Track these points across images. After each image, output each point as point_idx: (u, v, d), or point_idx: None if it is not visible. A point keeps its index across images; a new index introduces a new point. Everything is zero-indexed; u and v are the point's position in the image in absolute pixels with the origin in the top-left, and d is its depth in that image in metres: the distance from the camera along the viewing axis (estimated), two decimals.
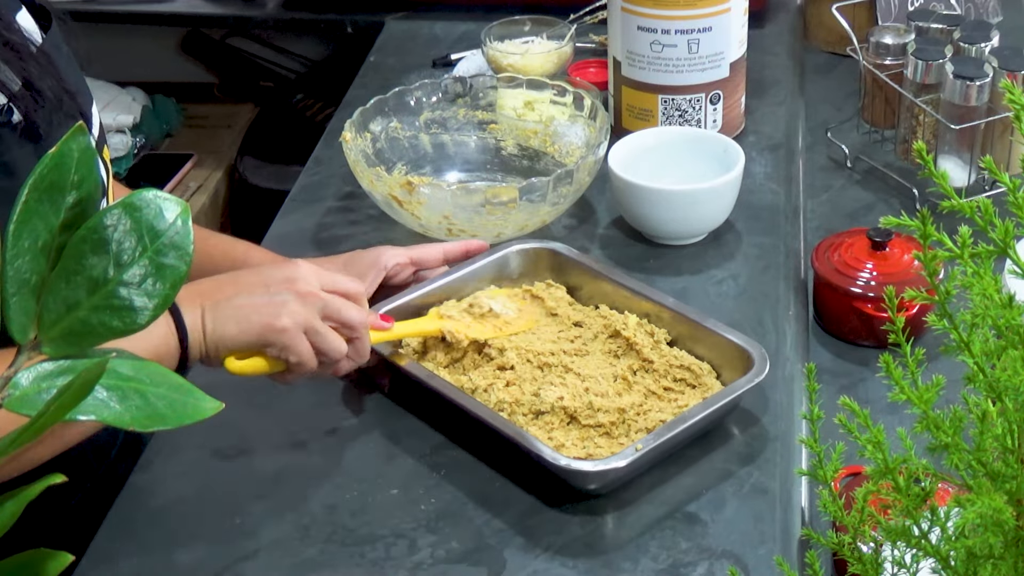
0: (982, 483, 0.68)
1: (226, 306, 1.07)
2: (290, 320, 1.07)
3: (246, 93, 2.68)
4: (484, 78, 1.55)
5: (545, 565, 1.01)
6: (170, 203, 0.54)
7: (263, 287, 1.09)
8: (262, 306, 1.07)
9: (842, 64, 1.83)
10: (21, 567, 0.53)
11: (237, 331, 1.06)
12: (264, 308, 1.07)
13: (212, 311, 1.06)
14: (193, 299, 1.06)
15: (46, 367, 0.52)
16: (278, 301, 1.08)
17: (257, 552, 1.04)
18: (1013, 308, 0.66)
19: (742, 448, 1.11)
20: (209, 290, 1.08)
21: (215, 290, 1.08)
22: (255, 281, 1.10)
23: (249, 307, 1.07)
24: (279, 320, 1.07)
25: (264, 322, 1.07)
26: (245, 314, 1.07)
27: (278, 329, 1.07)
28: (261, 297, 1.08)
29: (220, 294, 1.08)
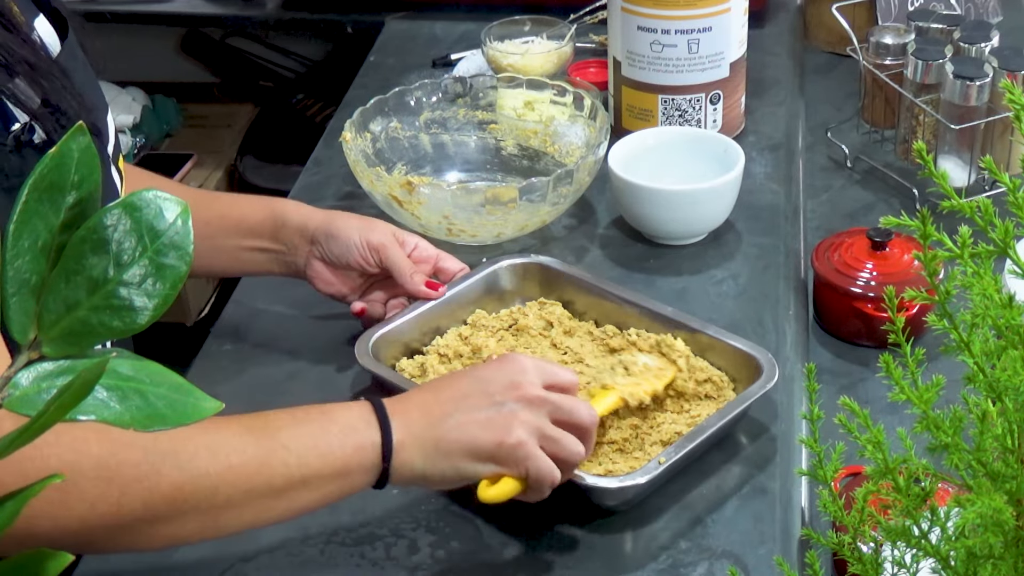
0: (982, 483, 0.68)
1: (449, 430, 0.97)
2: (523, 432, 0.98)
3: (246, 93, 2.68)
4: (484, 78, 1.55)
5: (545, 565, 1.01)
6: (170, 203, 0.54)
7: (486, 398, 0.99)
8: (488, 423, 0.98)
9: (842, 64, 1.83)
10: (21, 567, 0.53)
11: (468, 459, 0.98)
12: (491, 425, 0.98)
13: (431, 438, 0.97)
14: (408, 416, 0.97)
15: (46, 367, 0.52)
16: (506, 414, 0.99)
17: (257, 552, 1.04)
18: (1013, 308, 0.66)
19: (742, 448, 1.11)
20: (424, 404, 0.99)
21: (431, 403, 0.99)
22: (475, 390, 1.00)
23: (474, 427, 0.98)
24: (511, 435, 0.98)
25: (495, 441, 0.98)
26: (472, 435, 0.98)
27: (513, 446, 0.98)
28: (485, 411, 0.99)
29: (437, 410, 0.98)
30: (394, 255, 1.21)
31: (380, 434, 0.96)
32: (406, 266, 1.22)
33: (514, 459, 0.98)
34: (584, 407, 1.02)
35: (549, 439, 0.99)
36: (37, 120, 0.95)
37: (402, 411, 0.98)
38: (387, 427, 0.96)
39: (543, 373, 1.02)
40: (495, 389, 1.00)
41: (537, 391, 1.00)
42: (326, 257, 1.22)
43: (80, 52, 1.12)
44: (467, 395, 1.00)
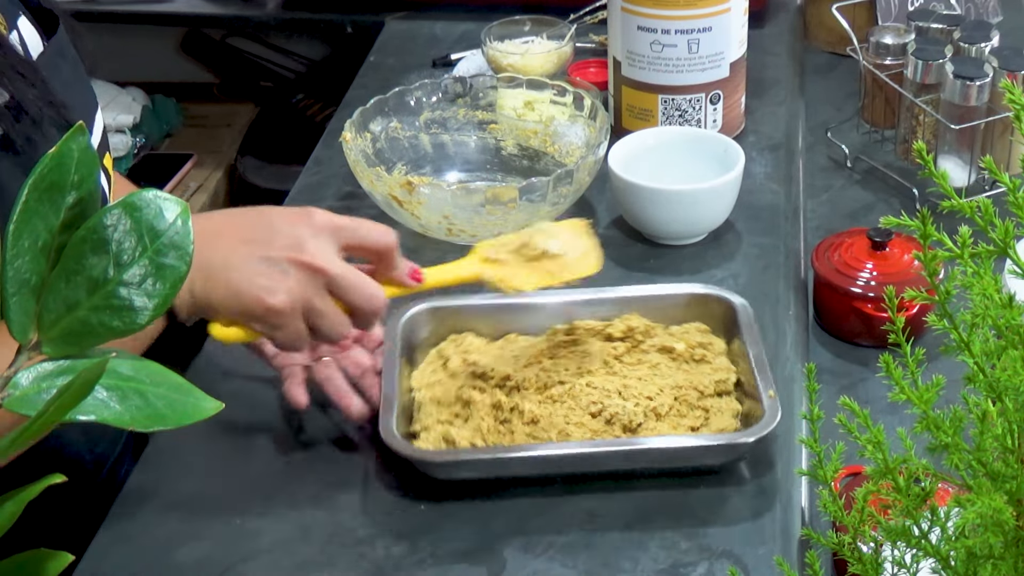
0: (982, 483, 0.68)
1: (219, 269, 0.97)
2: (285, 300, 0.97)
3: (246, 93, 2.68)
4: (484, 78, 1.55)
5: (545, 565, 1.01)
6: (170, 203, 0.54)
7: (265, 249, 0.97)
8: (256, 276, 0.97)
9: (842, 64, 1.83)
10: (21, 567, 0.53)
11: (224, 298, 0.97)
12: (258, 280, 0.97)
13: (204, 271, 0.96)
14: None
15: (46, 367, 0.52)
16: (276, 273, 0.97)
17: (257, 552, 1.04)
18: (1013, 308, 0.66)
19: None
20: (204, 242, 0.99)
21: (210, 242, 0.97)
22: (259, 237, 0.98)
23: (241, 276, 0.97)
24: (272, 298, 0.96)
25: (255, 296, 0.96)
26: (236, 283, 0.96)
27: (269, 309, 0.97)
28: (258, 265, 0.97)
29: (215, 250, 0.97)
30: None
31: None
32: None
33: (267, 322, 0.97)
34: (367, 290, 0.99)
35: (313, 311, 0.97)
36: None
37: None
38: None
39: (342, 233, 0.99)
40: (278, 243, 0.97)
41: (318, 259, 0.97)
42: None
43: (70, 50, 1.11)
44: (250, 239, 0.98)
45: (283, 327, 0.98)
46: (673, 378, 1.15)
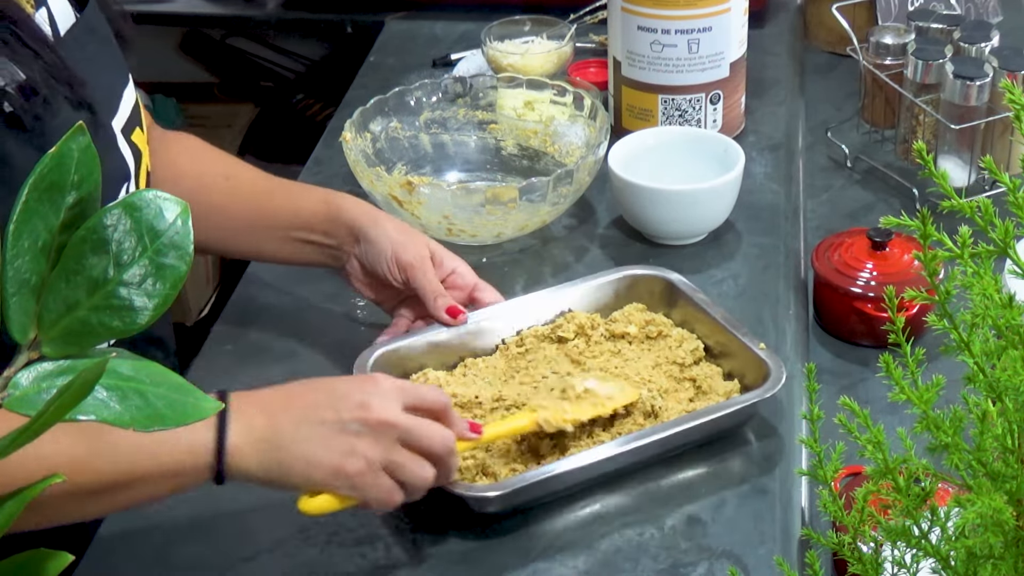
0: (982, 483, 0.68)
1: (289, 443, 0.95)
2: (363, 462, 0.96)
3: (246, 93, 2.68)
4: (484, 78, 1.55)
5: (545, 565, 1.01)
6: (170, 203, 0.54)
7: (333, 414, 0.97)
8: (330, 443, 0.96)
9: (842, 64, 1.83)
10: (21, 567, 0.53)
11: (304, 471, 0.96)
12: (333, 446, 0.96)
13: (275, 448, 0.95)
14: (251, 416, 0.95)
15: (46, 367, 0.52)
16: (349, 436, 0.96)
17: (257, 552, 1.04)
18: (1013, 308, 0.66)
19: (742, 448, 1.11)
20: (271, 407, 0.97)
21: (277, 408, 0.97)
22: (325, 403, 0.98)
23: (315, 446, 0.96)
24: (349, 463, 0.96)
25: (335, 464, 0.96)
26: (311, 454, 0.96)
27: (350, 474, 0.96)
28: (330, 429, 0.96)
29: (282, 425, 0.96)
30: (421, 277, 1.18)
31: (215, 435, 0.94)
32: (431, 290, 1.18)
33: (349, 485, 0.96)
34: (438, 434, 0.99)
35: (393, 464, 0.97)
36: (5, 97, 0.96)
37: (245, 412, 0.96)
38: (223, 429, 0.94)
39: (403, 394, 1.00)
40: (344, 407, 0.97)
41: (386, 415, 0.97)
42: (363, 260, 1.21)
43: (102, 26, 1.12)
44: (316, 406, 0.97)
45: (368, 487, 0.97)
46: (645, 359, 1.18)
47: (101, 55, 1.11)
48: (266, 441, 0.95)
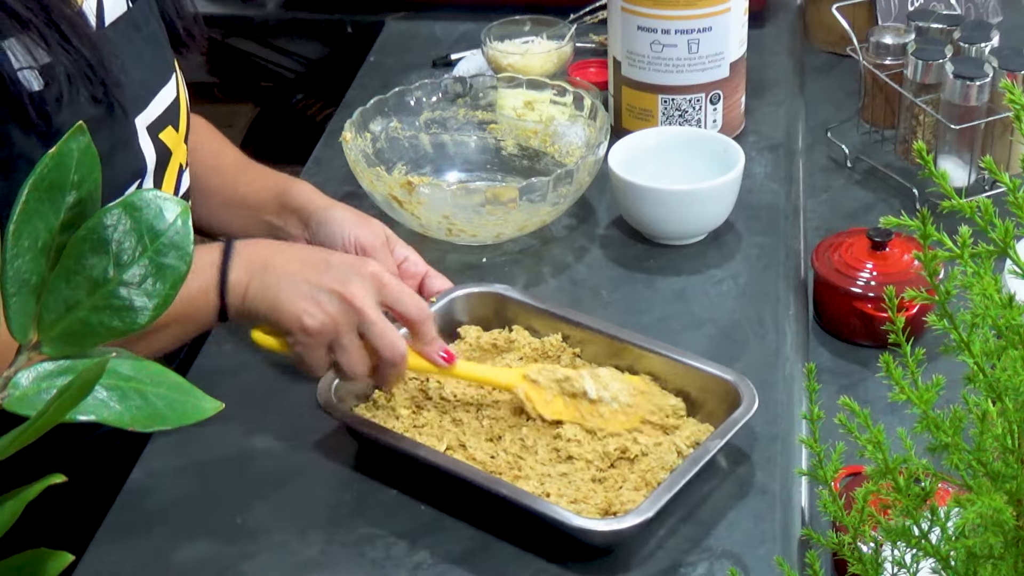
0: (982, 483, 0.68)
1: (271, 280, 1.06)
2: (317, 324, 1.05)
3: (246, 93, 2.68)
4: (484, 78, 1.55)
5: (545, 565, 1.01)
6: (170, 203, 0.54)
7: (316, 275, 1.06)
8: (300, 297, 1.05)
9: (842, 64, 1.83)
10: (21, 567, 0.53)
11: (267, 310, 1.05)
12: (301, 299, 1.05)
13: (259, 278, 1.06)
14: (250, 259, 1.06)
15: (46, 367, 0.52)
16: (319, 299, 1.05)
17: (257, 552, 1.04)
18: (1013, 308, 0.66)
19: (742, 448, 1.11)
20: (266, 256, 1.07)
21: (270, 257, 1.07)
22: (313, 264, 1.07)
23: (287, 294, 1.05)
24: (307, 319, 1.04)
25: (295, 314, 1.05)
26: (283, 297, 1.05)
27: (302, 328, 1.05)
28: (305, 285, 1.05)
29: (274, 265, 1.06)
30: (380, 259, 1.19)
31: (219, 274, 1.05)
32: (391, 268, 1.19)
33: (297, 340, 1.05)
34: (391, 342, 1.05)
35: (339, 345, 1.05)
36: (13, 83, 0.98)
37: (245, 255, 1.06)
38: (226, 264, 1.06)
39: (384, 290, 1.07)
40: (327, 276, 1.05)
41: (357, 300, 1.04)
42: (313, 242, 1.22)
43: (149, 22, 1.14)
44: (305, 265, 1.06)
45: (309, 349, 1.05)
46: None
47: (143, 51, 1.12)
48: (257, 269, 1.06)
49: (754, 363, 1.15)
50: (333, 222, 1.22)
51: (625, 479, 1.06)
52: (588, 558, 1.01)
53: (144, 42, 1.12)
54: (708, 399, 1.12)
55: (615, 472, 1.07)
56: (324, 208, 1.23)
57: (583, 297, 1.33)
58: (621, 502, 1.03)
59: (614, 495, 1.04)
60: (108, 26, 1.07)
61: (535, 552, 1.02)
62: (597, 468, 1.07)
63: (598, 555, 1.01)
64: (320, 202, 1.24)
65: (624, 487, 1.05)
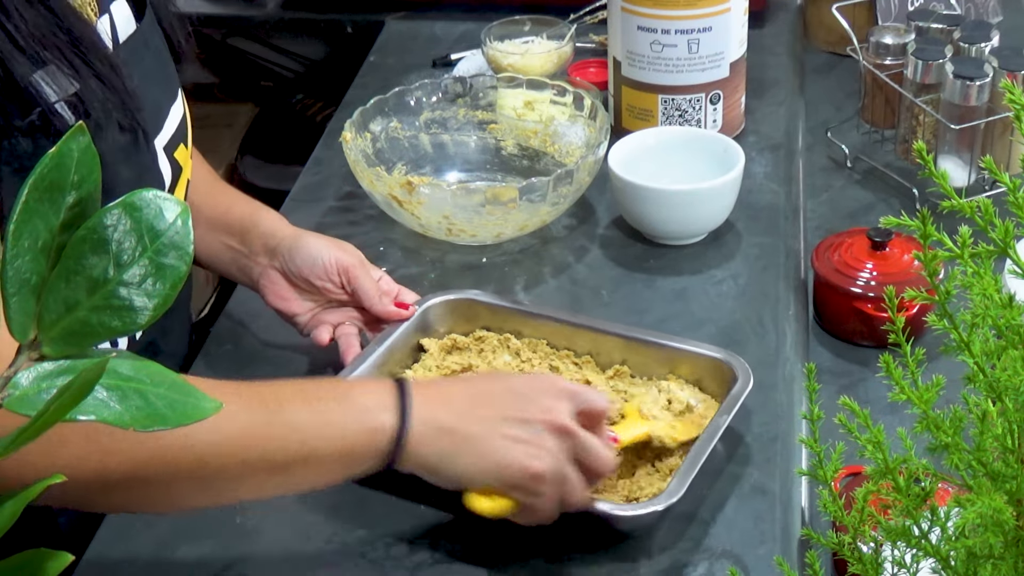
0: (982, 483, 0.68)
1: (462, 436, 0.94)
2: (549, 465, 0.94)
3: (246, 93, 2.68)
4: (484, 78, 1.55)
5: (545, 565, 1.01)
6: (170, 203, 0.54)
7: (516, 411, 0.95)
8: (515, 443, 0.94)
9: (842, 64, 1.83)
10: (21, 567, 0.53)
11: (478, 467, 0.94)
12: (519, 446, 0.94)
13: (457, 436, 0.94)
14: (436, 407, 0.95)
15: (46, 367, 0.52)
16: (537, 439, 0.95)
17: (257, 552, 1.04)
18: (1013, 308, 0.66)
19: (742, 448, 1.11)
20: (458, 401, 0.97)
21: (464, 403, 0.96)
22: (509, 402, 0.96)
23: (497, 444, 0.94)
24: (536, 464, 0.94)
25: (519, 463, 0.94)
26: (491, 451, 0.94)
27: (534, 475, 0.94)
28: (517, 430, 0.95)
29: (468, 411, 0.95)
30: (364, 276, 1.19)
31: (397, 420, 0.93)
32: (374, 288, 1.20)
33: (528, 489, 0.95)
34: (606, 455, 0.98)
35: (564, 480, 0.95)
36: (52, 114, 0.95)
37: (427, 400, 0.94)
38: (405, 413, 0.93)
39: (576, 398, 0.98)
40: (529, 408, 0.96)
41: (568, 421, 0.96)
42: (286, 269, 1.20)
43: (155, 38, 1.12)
44: (500, 404, 0.96)
45: (544, 493, 0.95)
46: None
47: (153, 69, 1.11)
48: (449, 431, 0.94)
49: (754, 363, 1.15)
50: (308, 247, 1.20)
51: (636, 466, 1.08)
52: (589, 556, 1.01)
53: (153, 59, 1.11)
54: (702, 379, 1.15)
55: (625, 460, 1.08)
56: (294, 236, 1.21)
57: (583, 297, 1.33)
58: (640, 487, 1.05)
59: (631, 482, 1.06)
60: (122, 44, 1.06)
61: (535, 552, 1.02)
62: None
63: (598, 553, 1.01)
64: (288, 231, 1.22)
65: (638, 473, 1.07)
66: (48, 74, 0.95)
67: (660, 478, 1.06)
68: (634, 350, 1.18)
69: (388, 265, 1.35)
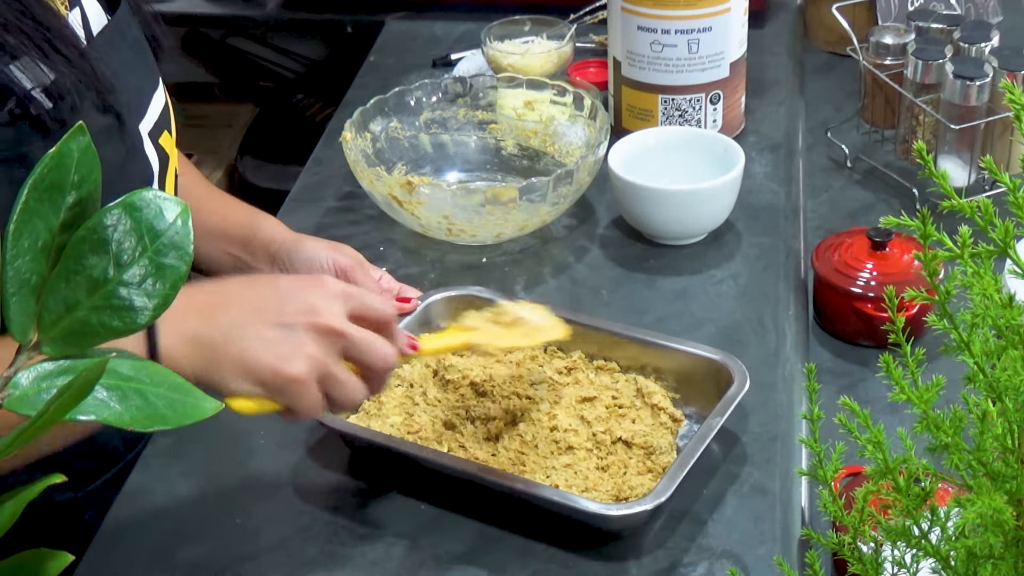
0: (982, 483, 0.68)
1: (222, 343, 0.92)
2: (304, 367, 0.93)
3: (246, 93, 2.68)
4: (484, 78, 1.55)
5: (544, 565, 1.01)
6: (170, 203, 0.54)
7: (277, 316, 0.93)
8: (271, 346, 0.92)
9: (842, 64, 1.83)
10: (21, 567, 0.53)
11: (236, 372, 0.92)
12: (275, 349, 0.92)
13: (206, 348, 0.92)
14: (184, 317, 0.90)
15: (46, 367, 0.52)
16: (294, 341, 0.93)
17: (257, 552, 1.04)
18: (1013, 308, 0.66)
19: (742, 448, 1.11)
20: (207, 306, 0.94)
21: (211, 316, 0.94)
22: (269, 305, 0.94)
23: (253, 347, 0.92)
24: (291, 367, 0.92)
25: (273, 368, 0.92)
26: (248, 355, 0.92)
27: (288, 379, 0.92)
28: (273, 332, 0.93)
29: (215, 324, 0.93)
30: (364, 276, 1.20)
31: (145, 339, 0.90)
32: (374, 287, 1.21)
33: (285, 392, 0.92)
34: (382, 350, 0.96)
35: (330, 379, 0.94)
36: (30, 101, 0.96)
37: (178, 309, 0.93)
38: (153, 328, 0.90)
39: (351, 301, 0.96)
40: (291, 309, 0.93)
41: (335, 322, 0.94)
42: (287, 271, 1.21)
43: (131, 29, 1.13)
44: (259, 307, 0.94)
45: (301, 395, 0.93)
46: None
47: (131, 58, 1.12)
48: (200, 343, 0.92)
49: (754, 363, 1.15)
50: (307, 251, 1.20)
51: (627, 464, 1.08)
52: (588, 556, 1.01)
53: (130, 49, 1.12)
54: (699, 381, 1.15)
55: (615, 458, 1.08)
56: (294, 240, 1.22)
57: (583, 297, 1.33)
58: (630, 487, 1.05)
59: (621, 481, 1.06)
60: (96, 36, 1.07)
61: (535, 552, 1.02)
62: (598, 456, 1.09)
63: (597, 553, 1.02)
64: (288, 236, 1.23)
65: (628, 472, 1.07)
66: (23, 65, 0.96)
67: (652, 478, 1.06)
68: (629, 348, 1.18)
69: (388, 265, 1.35)
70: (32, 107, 0.96)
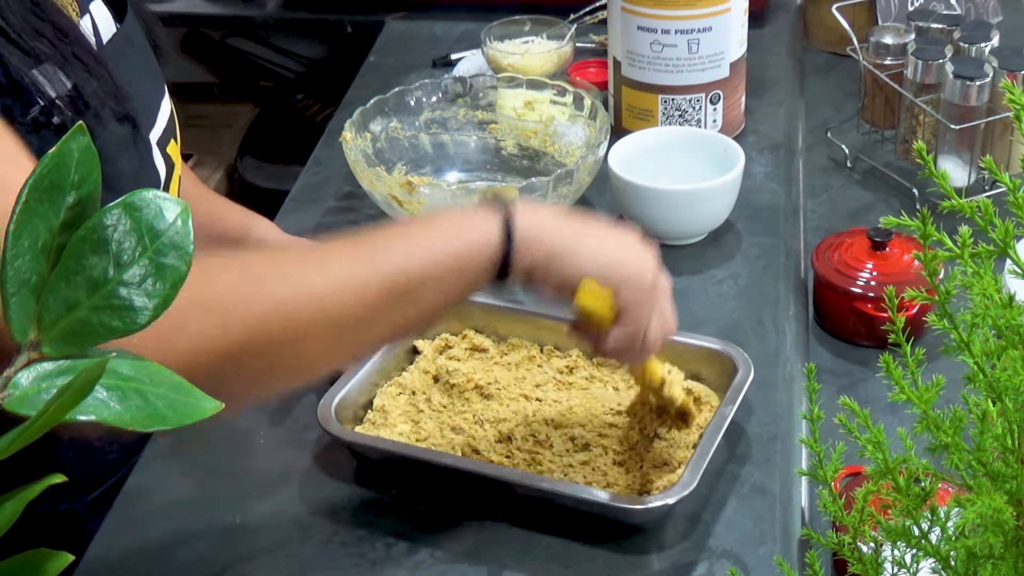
0: (982, 483, 0.68)
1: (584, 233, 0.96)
2: (654, 266, 0.98)
3: (246, 93, 2.68)
4: (484, 78, 1.55)
5: (544, 565, 1.01)
6: (170, 203, 0.54)
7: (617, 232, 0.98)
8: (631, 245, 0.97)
9: (842, 64, 1.83)
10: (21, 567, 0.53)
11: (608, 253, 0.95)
12: (635, 248, 0.97)
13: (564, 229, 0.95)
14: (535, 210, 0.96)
15: (46, 367, 0.52)
16: (650, 256, 0.98)
17: (257, 552, 1.04)
18: (1013, 308, 0.66)
19: (742, 448, 1.11)
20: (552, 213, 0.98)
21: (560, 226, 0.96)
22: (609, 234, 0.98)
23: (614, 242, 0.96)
24: (652, 265, 0.97)
25: (640, 259, 0.97)
26: (613, 246, 0.96)
27: (650, 272, 0.97)
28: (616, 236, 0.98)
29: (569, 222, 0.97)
30: None
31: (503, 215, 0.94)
32: None
33: (639, 287, 0.96)
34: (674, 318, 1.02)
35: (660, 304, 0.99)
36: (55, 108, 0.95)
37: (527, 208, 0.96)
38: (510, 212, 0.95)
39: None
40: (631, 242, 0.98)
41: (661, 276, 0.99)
42: None
43: (139, 36, 1.13)
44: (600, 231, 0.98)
45: (641, 305, 0.97)
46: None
47: (140, 66, 1.12)
48: (560, 224, 0.96)
49: (754, 363, 1.15)
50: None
51: (643, 459, 1.08)
52: (588, 556, 1.01)
53: (139, 56, 1.12)
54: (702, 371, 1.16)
55: (632, 453, 1.09)
56: (288, 243, 1.22)
57: None
58: (650, 480, 1.05)
59: (641, 475, 1.06)
60: (106, 43, 1.07)
61: (535, 551, 1.02)
62: (615, 452, 1.09)
63: (598, 552, 1.02)
64: (281, 238, 1.23)
65: (645, 466, 1.07)
66: (44, 72, 0.95)
67: (669, 471, 1.07)
68: None
69: None
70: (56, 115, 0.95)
